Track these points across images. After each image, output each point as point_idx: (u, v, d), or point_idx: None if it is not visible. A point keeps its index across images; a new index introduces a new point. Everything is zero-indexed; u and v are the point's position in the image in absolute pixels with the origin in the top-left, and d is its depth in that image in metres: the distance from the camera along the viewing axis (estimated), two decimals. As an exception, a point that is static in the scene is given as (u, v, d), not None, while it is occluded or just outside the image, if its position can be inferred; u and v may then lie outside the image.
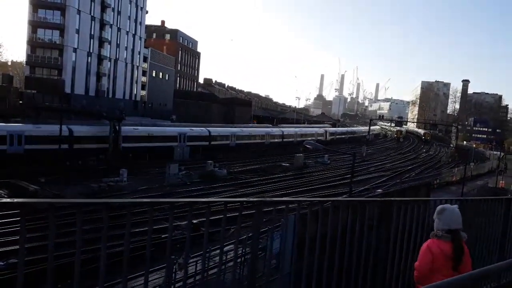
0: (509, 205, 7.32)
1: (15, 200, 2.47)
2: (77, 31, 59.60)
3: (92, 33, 62.55)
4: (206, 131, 53.24)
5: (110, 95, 67.99)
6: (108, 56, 66.50)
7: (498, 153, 72.19)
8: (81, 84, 61.14)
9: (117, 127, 40.90)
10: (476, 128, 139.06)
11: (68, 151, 37.14)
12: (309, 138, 68.24)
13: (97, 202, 3.26)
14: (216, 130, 55.86)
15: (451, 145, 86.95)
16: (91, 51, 62.66)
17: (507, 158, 66.88)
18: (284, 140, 67.12)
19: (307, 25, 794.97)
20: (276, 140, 65.95)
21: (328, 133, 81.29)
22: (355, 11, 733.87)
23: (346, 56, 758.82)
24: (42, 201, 2.92)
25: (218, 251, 3.44)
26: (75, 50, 59.60)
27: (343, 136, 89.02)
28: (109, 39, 66.18)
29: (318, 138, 72.81)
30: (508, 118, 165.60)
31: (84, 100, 57.22)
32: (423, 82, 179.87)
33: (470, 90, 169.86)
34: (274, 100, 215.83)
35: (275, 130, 70.55)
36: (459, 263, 4.20)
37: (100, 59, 64.93)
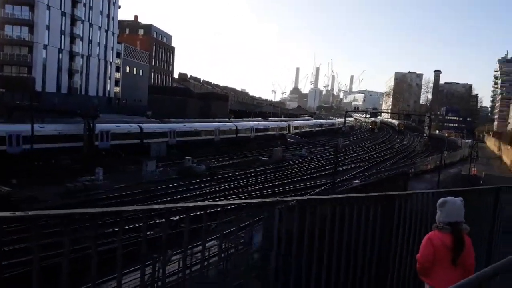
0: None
1: (29, 213, 2.43)
2: (47, 27, 57.90)
3: (63, 29, 60.90)
4: (137, 127, 46.55)
5: (83, 92, 66.51)
6: (80, 52, 64.95)
7: (470, 141, 74.26)
8: (52, 81, 59.52)
9: (91, 125, 40.05)
10: (448, 118, 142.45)
11: (38, 151, 36.05)
12: (269, 133, 67.37)
13: (110, 211, 3.23)
14: (150, 126, 49.38)
15: (425, 135, 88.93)
16: (62, 47, 61.04)
17: (478, 146, 68.83)
18: (239, 135, 60.78)
19: (281, 18, 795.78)
20: (228, 135, 58.97)
21: (291, 127, 75.33)
22: (329, 4, 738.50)
23: (321, 49, 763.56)
24: (57, 212, 2.83)
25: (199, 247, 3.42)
26: (45, 47, 57.91)
27: (311, 130, 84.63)
28: (81, 35, 64.61)
29: (280, 132, 69.18)
30: (478, 107, 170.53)
31: (56, 98, 55.79)
32: (396, 73, 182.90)
33: (442, 81, 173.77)
34: (251, 94, 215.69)
35: (228, 125, 63.42)
36: (457, 256, 4.21)
37: (72, 55, 63.35)
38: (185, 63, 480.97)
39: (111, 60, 73.58)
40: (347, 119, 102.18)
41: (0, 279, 2.37)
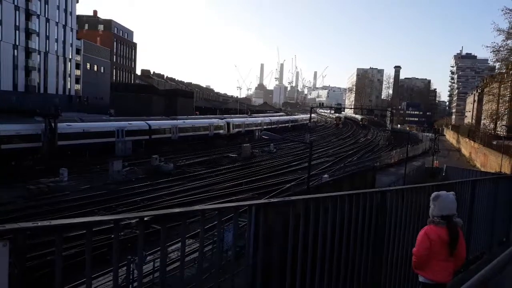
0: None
1: (53, 222, 2.42)
2: (0, 22, 54.97)
3: (17, 24, 58.02)
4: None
5: (42, 91, 63.77)
6: (37, 48, 62.14)
7: (430, 134, 76.80)
8: (8, 79, 56.61)
9: (52, 124, 38.41)
10: (409, 112, 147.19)
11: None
12: (200, 132, 58.93)
13: (132, 217, 3.16)
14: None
15: (388, 129, 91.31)
16: (17, 43, 58.17)
17: (438, 139, 71.31)
18: (153, 137, 50.44)
19: (244, 13, 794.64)
20: (140, 137, 48.87)
21: (232, 125, 67.65)
22: (291, 1, 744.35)
23: (285, 45, 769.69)
24: (80, 220, 2.80)
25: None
26: (-2, 42, 55.06)
27: (253, 128, 73.38)
28: (37, 31, 61.78)
29: (216, 131, 63.09)
30: (437, 102, 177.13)
31: (13, 97, 53.16)
32: (358, 69, 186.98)
33: (402, 76, 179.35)
34: (216, 90, 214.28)
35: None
36: (454, 249, 4.34)
37: (28, 52, 60.50)
38: (147, 60, 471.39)
39: (70, 57, 70.87)
40: (305, 116, 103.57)
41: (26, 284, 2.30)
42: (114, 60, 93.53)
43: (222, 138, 63.27)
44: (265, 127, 75.02)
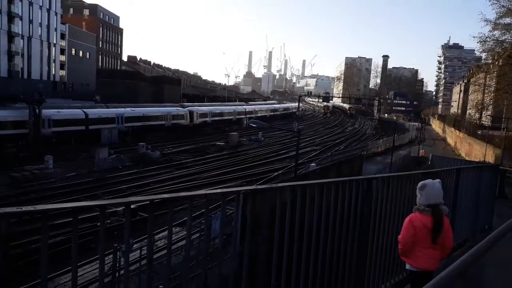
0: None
1: (38, 207, 2.37)
2: (-20, 5, 53.57)
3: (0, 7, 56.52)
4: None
5: (26, 76, 62.44)
6: (20, 33, 60.66)
7: (417, 124, 77.54)
8: (-11, 64, 55.39)
9: (37, 110, 37.75)
10: (396, 101, 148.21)
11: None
12: (152, 122, 52.20)
13: (118, 203, 3.10)
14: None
15: (375, 118, 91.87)
16: (-1, 27, 56.75)
17: (425, 128, 72.08)
18: (91, 127, 43.71)
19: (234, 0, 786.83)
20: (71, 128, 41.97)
21: (196, 115, 61.27)
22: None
23: (273, 33, 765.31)
24: (67, 205, 2.61)
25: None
26: (-21, 26, 53.66)
27: (221, 118, 68.08)
28: (20, 14, 60.24)
29: (174, 121, 56.30)
30: (424, 91, 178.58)
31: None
32: (346, 58, 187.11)
33: (390, 65, 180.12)
34: (203, 77, 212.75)
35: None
36: (437, 236, 4.40)
37: (11, 36, 59.00)
38: (134, 46, 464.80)
39: (54, 42, 69.41)
40: (291, 104, 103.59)
41: (9, 270, 2.21)
42: (100, 45, 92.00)
43: (184, 129, 55.74)
44: (237, 117, 71.59)
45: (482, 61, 53.68)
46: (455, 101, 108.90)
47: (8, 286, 2.33)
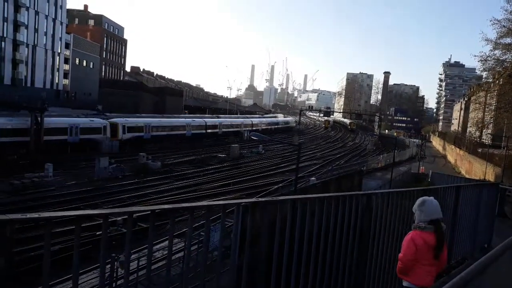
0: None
1: (42, 215, 2.40)
2: (-13, 13, 54.12)
3: (6, 15, 57.06)
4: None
5: (29, 84, 62.84)
6: (25, 41, 61.21)
7: (417, 140, 77.58)
8: (-7, 71, 55.76)
9: (39, 119, 37.88)
10: (397, 118, 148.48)
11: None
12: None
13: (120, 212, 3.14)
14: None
15: (375, 134, 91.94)
16: (4, 35, 57.23)
17: (422, 145, 72.06)
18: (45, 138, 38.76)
19: (237, 14, 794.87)
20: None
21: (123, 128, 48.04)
22: (283, 3, 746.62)
23: (276, 47, 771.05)
24: (71, 213, 2.66)
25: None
26: (-15, 34, 54.13)
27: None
28: (26, 23, 60.88)
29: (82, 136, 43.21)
30: (424, 108, 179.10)
31: (-1, 89, 52.29)
32: (348, 74, 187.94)
33: (391, 82, 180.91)
34: (206, 89, 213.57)
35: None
36: (439, 253, 4.40)
37: (16, 44, 59.57)
38: (137, 56, 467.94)
39: (59, 51, 69.99)
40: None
41: (14, 274, 2.22)
42: (104, 56, 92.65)
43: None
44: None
45: (483, 79, 54.01)
46: (456, 118, 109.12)
47: None
